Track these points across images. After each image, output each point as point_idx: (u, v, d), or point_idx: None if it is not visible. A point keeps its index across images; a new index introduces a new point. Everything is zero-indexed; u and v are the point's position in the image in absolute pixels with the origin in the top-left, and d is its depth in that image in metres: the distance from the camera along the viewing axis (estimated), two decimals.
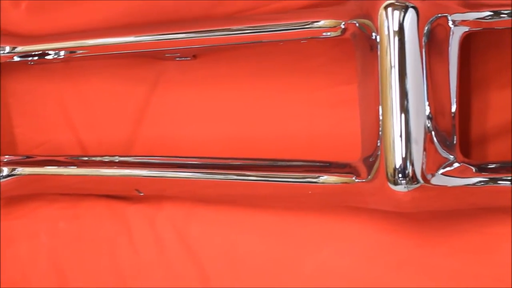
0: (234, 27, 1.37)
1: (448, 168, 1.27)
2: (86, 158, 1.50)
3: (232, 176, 1.41)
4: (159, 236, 1.49)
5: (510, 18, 1.25)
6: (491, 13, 1.25)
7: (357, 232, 1.41)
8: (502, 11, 1.25)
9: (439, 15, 1.24)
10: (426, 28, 1.24)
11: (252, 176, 1.39)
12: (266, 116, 1.45)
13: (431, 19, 1.24)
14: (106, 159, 1.48)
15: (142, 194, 1.47)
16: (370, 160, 1.29)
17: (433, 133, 1.26)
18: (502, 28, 1.26)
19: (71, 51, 1.48)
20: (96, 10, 1.48)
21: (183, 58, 1.47)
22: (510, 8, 1.25)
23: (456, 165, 1.28)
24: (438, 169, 1.27)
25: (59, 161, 1.50)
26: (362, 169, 1.31)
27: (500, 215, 1.36)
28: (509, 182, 1.27)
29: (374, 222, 1.39)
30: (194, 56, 1.47)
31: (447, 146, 1.28)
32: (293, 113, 1.44)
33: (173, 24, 1.42)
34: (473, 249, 1.36)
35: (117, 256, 1.51)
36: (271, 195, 1.41)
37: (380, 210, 1.35)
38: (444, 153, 1.27)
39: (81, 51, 1.47)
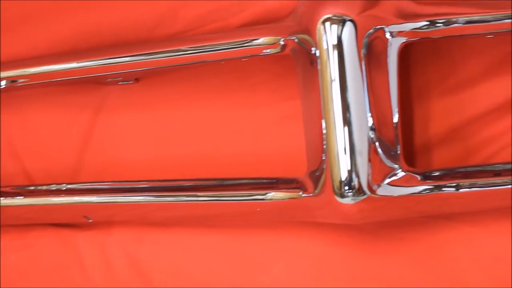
0: (175, 49, 1.37)
1: (393, 178, 1.28)
2: (32, 188, 1.48)
3: (181, 198, 1.40)
4: (110, 261, 1.47)
5: (446, 27, 1.26)
6: (427, 23, 1.27)
7: (308, 246, 1.41)
8: (438, 21, 1.26)
9: (377, 27, 1.25)
10: (365, 40, 1.25)
11: (201, 197, 1.39)
12: (211, 135, 1.45)
13: (369, 31, 1.25)
14: (53, 187, 1.46)
15: (90, 220, 1.46)
16: (316, 174, 1.30)
17: (377, 144, 1.27)
18: (439, 37, 1.27)
19: (12, 80, 1.46)
20: (35, 38, 1.47)
21: (125, 82, 1.46)
22: (445, 18, 1.26)
23: (401, 174, 1.29)
24: (383, 179, 1.28)
25: (5, 192, 1.48)
26: (309, 184, 1.31)
27: (446, 221, 1.38)
28: (454, 189, 1.28)
29: (324, 236, 1.39)
30: (137, 80, 1.46)
31: (392, 156, 1.29)
32: (238, 131, 1.44)
33: (113, 49, 1.41)
34: (423, 256, 1.38)
35: (69, 284, 1.49)
36: (220, 214, 1.41)
37: (329, 223, 1.36)
38: (389, 163, 1.28)
39: (22, 80, 1.45)
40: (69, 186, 1.47)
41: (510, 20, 1.26)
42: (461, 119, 1.38)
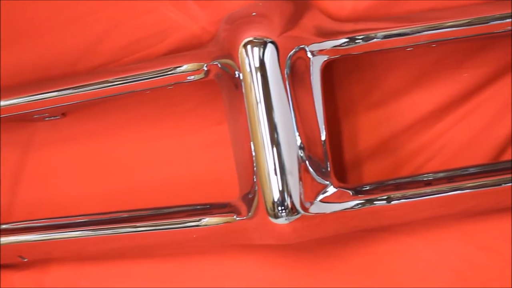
0: (100, 81, 1.36)
1: (325, 195, 1.30)
2: None
3: (117, 230, 1.39)
4: None
5: (365, 43, 1.28)
6: (347, 40, 1.28)
7: (246, 269, 1.42)
8: (357, 37, 1.28)
9: (298, 47, 1.27)
10: (287, 61, 1.26)
11: (136, 227, 1.38)
12: (142, 165, 1.45)
13: (291, 52, 1.26)
14: None
15: (26, 260, 1.43)
16: (249, 196, 1.30)
17: (307, 162, 1.28)
18: (360, 53, 1.29)
19: None
20: None
21: (52, 118, 1.44)
22: (364, 34, 1.28)
23: (332, 191, 1.30)
24: (316, 197, 1.29)
25: None
26: (242, 207, 1.31)
27: (382, 234, 1.39)
28: (385, 202, 1.30)
29: (262, 258, 1.40)
30: (64, 114, 1.45)
31: (322, 173, 1.30)
32: (168, 159, 1.44)
33: (38, 84, 1.40)
34: (361, 271, 1.39)
35: None
36: (157, 243, 1.41)
37: (266, 244, 1.36)
38: (320, 181, 1.29)
39: None
40: (2, 226, 1.44)
41: (427, 32, 1.28)
42: (388, 132, 1.39)
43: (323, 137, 1.29)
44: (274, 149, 1.26)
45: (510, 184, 1.31)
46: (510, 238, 1.36)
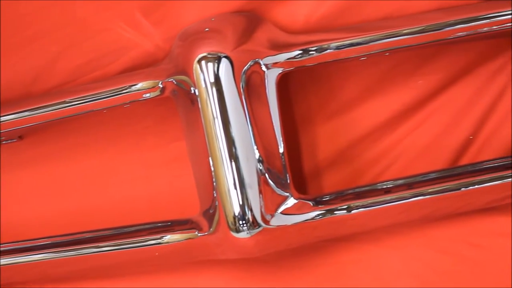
0: (56, 102, 1.35)
1: (286, 207, 1.30)
2: None
3: (79, 251, 1.38)
4: None
5: (319, 54, 1.29)
6: (300, 52, 1.29)
7: (213, 284, 1.41)
8: (310, 49, 1.29)
9: (252, 61, 1.27)
10: (242, 75, 1.27)
11: (99, 248, 1.38)
12: (102, 185, 1.44)
13: (245, 66, 1.27)
14: None
15: None
16: (210, 212, 1.30)
17: (266, 175, 1.28)
18: (314, 65, 1.29)
19: None
20: None
21: (9, 141, 1.43)
22: (317, 45, 1.29)
23: (293, 202, 1.30)
24: (276, 209, 1.29)
25: None
26: (203, 223, 1.31)
27: (345, 243, 1.40)
28: (345, 211, 1.30)
29: (226, 273, 1.40)
30: (20, 137, 1.44)
31: (282, 185, 1.30)
32: (128, 177, 1.43)
33: None
34: (325, 281, 1.39)
35: None
36: (120, 263, 1.40)
37: (230, 259, 1.36)
38: (280, 193, 1.30)
39: None
40: None
41: (380, 41, 1.29)
42: (346, 141, 1.40)
43: (281, 149, 1.30)
44: (233, 163, 1.26)
45: (469, 188, 1.32)
46: (471, 241, 1.37)
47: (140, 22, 1.33)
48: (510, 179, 1.32)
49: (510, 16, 1.28)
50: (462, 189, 1.32)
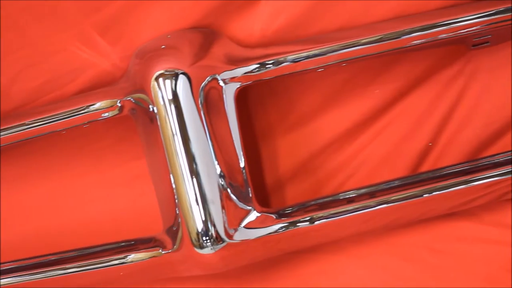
0: (14, 125, 1.34)
1: (249, 221, 1.30)
2: None
3: (44, 274, 1.37)
4: None
5: (276, 67, 1.29)
6: (257, 66, 1.29)
7: None
8: (267, 62, 1.29)
9: (210, 76, 1.27)
10: (200, 90, 1.27)
11: (64, 270, 1.36)
12: (64, 206, 1.43)
13: (203, 81, 1.27)
14: None
15: None
16: (173, 229, 1.30)
17: (228, 190, 1.28)
18: (271, 78, 1.30)
19: None
20: None
21: None
22: (274, 58, 1.29)
23: (256, 216, 1.30)
24: (240, 223, 1.29)
25: None
26: (167, 240, 1.31)
27: (310, 254, 1.40)
28: (308, 223, 1.31)
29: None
30: None
31: (245, 199, 1.30)
32: (90, 197, 1.42)
33: None
34: None
35: None
36: (87, 284, 1.38)
37: (195, 275, 1.35)
38: (243, 207, 1.30)
39: None
40: None
41: (336, 52, 1.30)
42: (307, 153, 1.41)
43: (242, 164, 1.30)
44: (194, 179, 1.25)
45: (431, 194, 1.33)
46: (433, 247, 1.38)
47: (97, 42, 1.32)
48: (471, 184, 1.33)
49: (466, 23, 1.29)
50: (424, 195, 1.33)
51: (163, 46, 1.29)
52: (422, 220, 1.38)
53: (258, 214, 1.30)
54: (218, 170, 1.27)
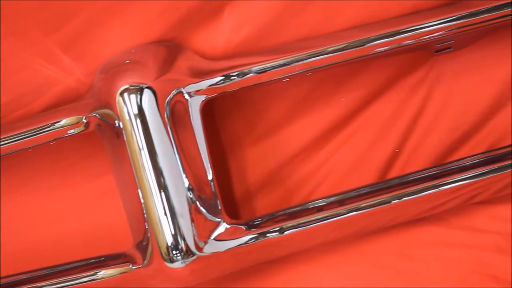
0: None
1: (218, 233, 1.30)
2: None
3: None
4: None
5: (241, 79, 1.30)
6: (222, 78, 1.30)
7: None
8: (231, 74, 1.29)
9: (175, 89, 1.27)
10: (166, 104, 1.26)
11: None
12: (32, 224, 1.42)
13: (168, 95, 1.27)
14: None
15: None
16: (143, 244, 1.29)
17: (197, 203, 1.28)
18: (236, 89, 1.30)
19: None
20: None
21: None
22: (238, 70, 1.29)
23: (225, 228, 1.30)
24: (209, 236, 1.29)
25: None
26: (137, 255, 1.30)
27: (282, 264, 1.41)
28: (278, 233, 1.31)
29: None
30: None
31: (214, 212, 1.30)
32: (58, 215, 1.41)
33: None
34: None
35: None
36: None
37: None
38: (212, 219, 1.30)
39: None
40: None
41: (300, 62, 1.30)
42: (275, 163, 1.41)
43: (210, 176, 1.30)
44: (162, 193, 1.25)
45: (399, 200, 1.34)
46: (403, 253, 1.39)
47: (60, 58, 1.32)
48: (438, 189, 1.34)
49: (429, 29, 1.30)
50: (393, 202, 1.34)
51: (127, 61, 1.29)
52: (391, 226, 1.39)
53: (228, 226, 1.30)
54: (186, 183, 1.27)
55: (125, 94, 1.26)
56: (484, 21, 1.33)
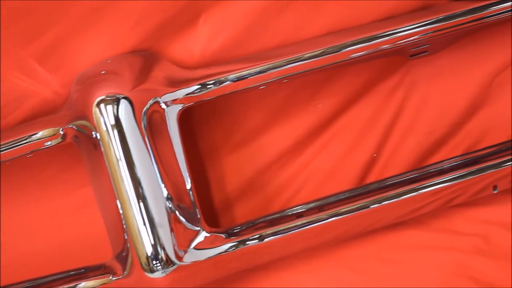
0: None
1: (198, 242, 1.29)
2: None
3: None
4: None
5: (217, 87, 1.30)
6: (198, 87, 1.30)
7: None
8: (208, 82, 1.29)
9: (152, 99, 1.27)
10: (143, 114, 1.26)
11: None
12: (12, 237, 1.41)
13: (145, 105, 1.27)
14: None
15: None
16: (123, 254, 1.29)
17: (176, 212, 1.28)
18: (213, 98, 1.30)
19: None
20: None
21: None
22: (214, 78, 1.29)
23: (205, 237, 1.30)
24: (189, 245, 1.29)
25: None
26: (117, 266, 1.30)
27: (263, 271, 1.41)
28: (257, 240, 1.31)
29: None
30: None
31: (193, 220, 1.30)
32: (38, 228, 1.41)
33: None
34: None
35: None
36: None
37: None
38: (191, 228, 1.29)
39: None
40: None
41: (276, 69, 1.30)
42: (253, 171, 1.42)
43: (188, 185, 1.30)
44: (141, 203, 1.25)
45: (378, 205, 1.34)
46: (382, 258, 1.39)
47: (36, 70, 1.32)
48: (417, 192, 1.34)
49: (405, 33, 1.30)
50: (372, 206, 1.34)
51: (103, 72, 1.28)
52: (371, 231, 1.39)
53: (207, 235, 1.30)
54: (165, 193, 1.26)
55: (102, 105, 1.25)
56: (458, 24, 1.33)
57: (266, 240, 1.31)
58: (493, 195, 1.38)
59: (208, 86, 1.29)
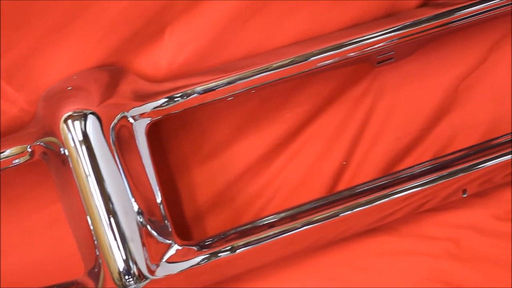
0: None
1: (170, 255, 1.29)
2: None
3: None
4: None
5: (184, 100, 1.30)
6: (166, 100, 1.29)
7: None
8: (175, 95, 1.29)
9: (119, 114, 1.26)
10: (111, 129, 1.26)
11: None
12: None
13: (113, 119, 1.26)
14: None
15: None
16: (95, 270, 1.28)
17: (148, 226, 1.27)
18: (181, 111, 1.30)
19: None
20: None
21: None
22: (181, 91, 1.29)
23: (177, 250, 1.30)
24: (161, 259, 1.28)
25: None
26: (89, 282, 1.29)
27: (236, 282, 1.40)
28: (229, 252, 1.31)
29: None
30: None
31: (165, 234, 1.30)
32: (8, 246, 1.40)
33: None
34: None
35: None
36: None
37: None
38: (163, 241, 1.29)
39: None
40: None
41: (243, 80, 1.31)
42: (224, 182, 1.42)
43: (159, 199, 1.29)
44: (111, 219, 1.25)
45: (349, 212, 1.35)
46: (354, 265, 1.39)
47: (1, 88, 1.31)
48: (388, 198, 1.35)
49: (370, 40, 1.31)
50: (343, 214, 1.34)
51: (69, 88, 1.28)
52: (343, 238, 1.39)
53: (179, 248, 1.30)
54: (136, 207, 1.26)
55: (69, 121, 1.25)
56: (423, 30, 1.34)
57: (238, 251, 1.31)
58: (463, 199, 1.39)
59: (175, 99, 1.29)
